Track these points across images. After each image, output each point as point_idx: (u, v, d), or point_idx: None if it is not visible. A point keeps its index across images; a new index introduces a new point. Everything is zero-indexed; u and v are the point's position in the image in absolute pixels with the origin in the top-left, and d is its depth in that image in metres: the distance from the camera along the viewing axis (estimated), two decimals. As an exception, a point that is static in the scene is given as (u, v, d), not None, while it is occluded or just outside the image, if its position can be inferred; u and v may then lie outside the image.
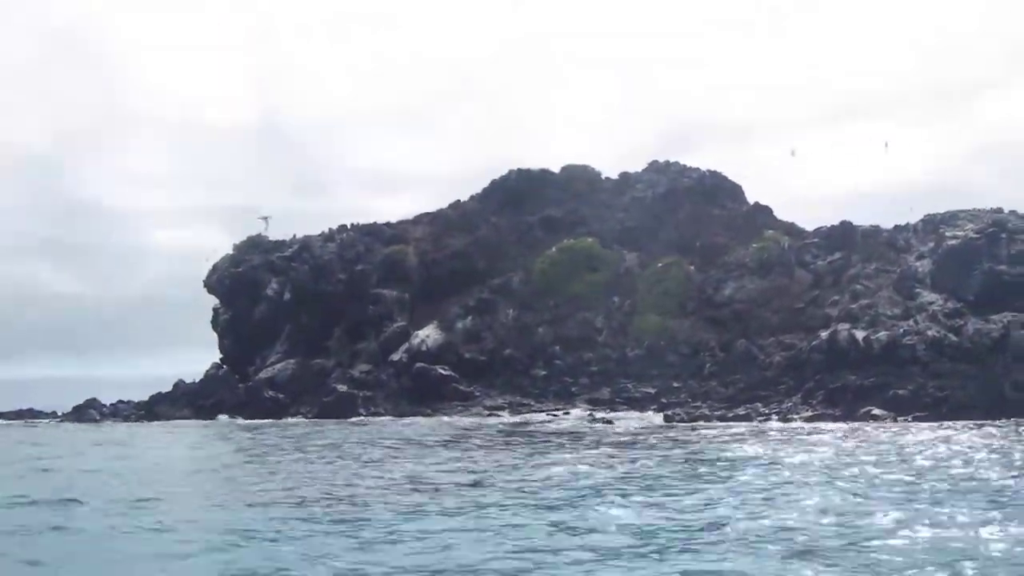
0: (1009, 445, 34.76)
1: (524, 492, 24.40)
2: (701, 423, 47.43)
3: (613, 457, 32.04)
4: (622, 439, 38.54)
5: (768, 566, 16.01)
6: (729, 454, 32.13)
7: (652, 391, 57.01)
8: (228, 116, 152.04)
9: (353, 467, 31.18)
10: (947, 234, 59.25)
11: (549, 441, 39.68)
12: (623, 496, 22.57)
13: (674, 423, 47.81)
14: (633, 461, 30.47)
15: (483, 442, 38.41)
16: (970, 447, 34.90)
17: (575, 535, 18.98)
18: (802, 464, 29.96)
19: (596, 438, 39.51)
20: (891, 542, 17.92)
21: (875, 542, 17.95)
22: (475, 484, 25.55)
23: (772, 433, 41.91)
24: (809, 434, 40.98)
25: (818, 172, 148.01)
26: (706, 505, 22.00)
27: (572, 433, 42.95)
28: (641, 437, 39.70)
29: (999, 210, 61.66)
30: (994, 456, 31.41)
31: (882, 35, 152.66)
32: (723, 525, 19.58)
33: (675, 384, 57.57)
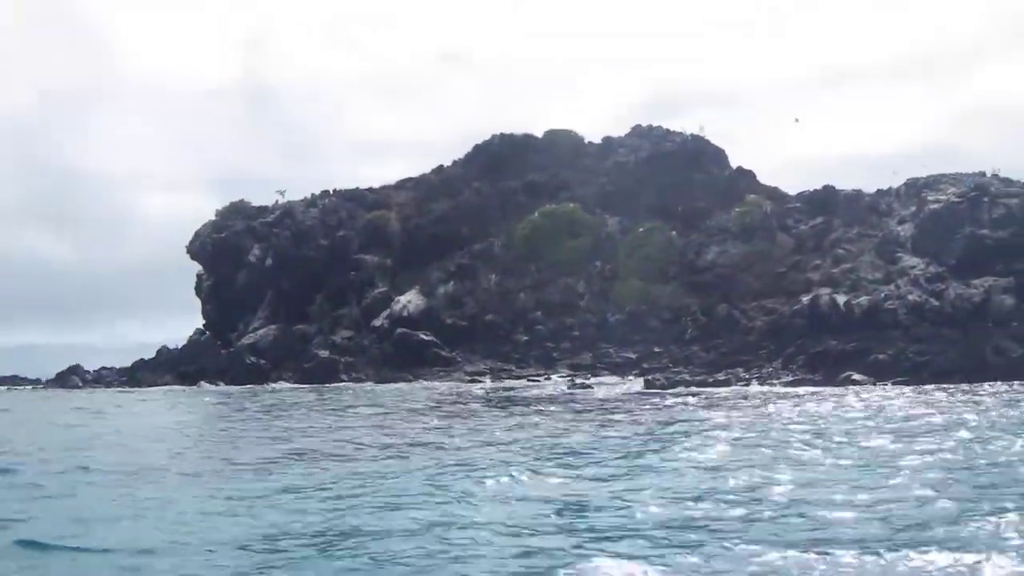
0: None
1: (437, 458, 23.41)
2: (681, 388, 47.18)
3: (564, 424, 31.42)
4: (588, 407, 38.07)
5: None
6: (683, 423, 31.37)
7: (633, 356, 56.87)
8: (214, 80, 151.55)
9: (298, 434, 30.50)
10: (929, 198, 59.11)
11: (508, 408, 38.93)
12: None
13: (654, 388, 47.62)
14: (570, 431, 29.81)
15: (448, 410, 37.81)
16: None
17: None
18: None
19: (563, 405, 38.96)
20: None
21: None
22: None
23: (737, 401, 41.45)
24: (769, 401, 40.22)
25: (807, 136, 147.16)
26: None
27: (548, 399, 42.58)
28: (610, 404, 39.30)
29: (982, 174, 61.53)
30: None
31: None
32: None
33: (656, 349, 57.39)
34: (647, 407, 36.58)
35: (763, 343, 55.19)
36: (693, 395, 42.80)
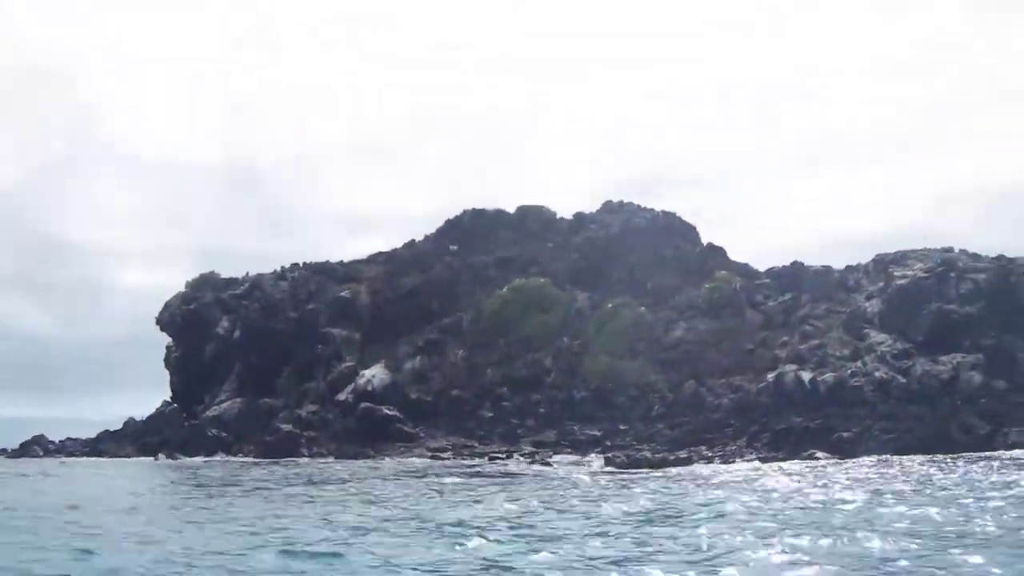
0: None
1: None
2: (641, 467, 46.31)
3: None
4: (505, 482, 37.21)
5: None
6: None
7: (598, 433, 56.00)
8: (196, 153, 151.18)
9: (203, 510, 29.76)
10: (896, 274, 58.74)
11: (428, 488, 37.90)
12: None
13: (614, 466, 46.79)
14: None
15: (365, 487, 36.67)
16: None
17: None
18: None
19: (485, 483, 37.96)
20: None
21: None
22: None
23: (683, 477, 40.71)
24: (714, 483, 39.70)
25: (782, 218, 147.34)
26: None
27: (476, 475, 41.72)
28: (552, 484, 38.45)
29: (949, 249, 61.24)
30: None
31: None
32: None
33: (622, 426, 56.57)
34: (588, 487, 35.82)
35: (729, 420, 54.47)
36: (643, 477, 41.95)
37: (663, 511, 26.07)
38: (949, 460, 42.40)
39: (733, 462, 47.33)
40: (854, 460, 44.88)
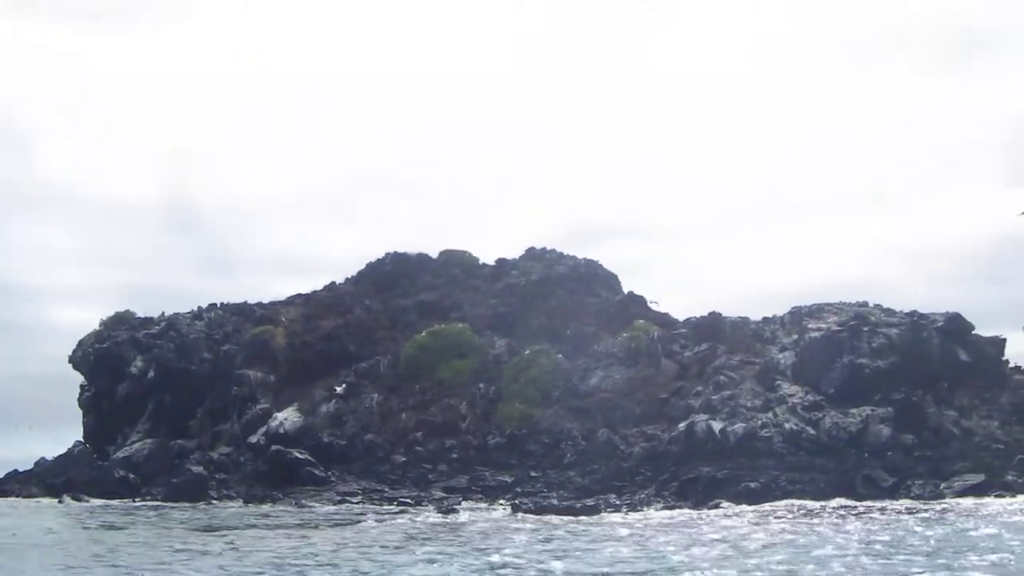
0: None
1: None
2: (548, 514, 46.00)
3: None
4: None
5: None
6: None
7: (509, 480, 55.63)
8: (133, 192, 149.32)
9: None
10: (810, 326, 59.13)
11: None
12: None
13: (520, 513, 46.46)
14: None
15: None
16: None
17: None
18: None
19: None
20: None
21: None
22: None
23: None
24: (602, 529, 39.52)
25: (715, 272, 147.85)
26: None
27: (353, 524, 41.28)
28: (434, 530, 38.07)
29: (864, 303, 61.80)
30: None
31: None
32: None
33: (533, 473, 56.29)
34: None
35: (640, 469, 54.32)
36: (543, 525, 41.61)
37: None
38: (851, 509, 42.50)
39: (640, 510, 47.20)
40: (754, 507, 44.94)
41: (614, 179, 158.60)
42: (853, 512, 41.74)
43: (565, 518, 43.03)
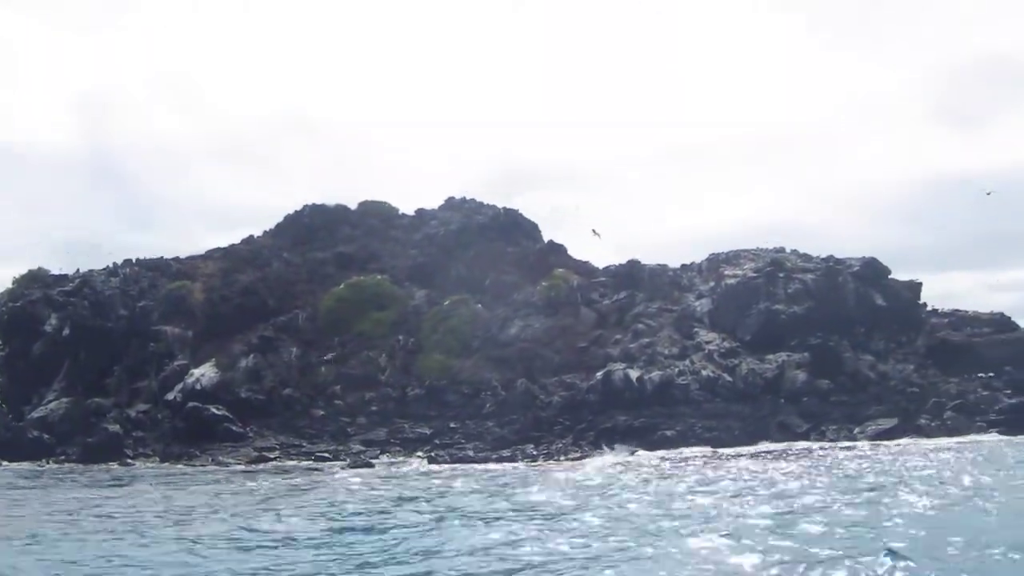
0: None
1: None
2: (463, 465, 45.87)
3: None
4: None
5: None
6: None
7: (428, 432, 55.36)
8: (51, 141, 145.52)
9: None
10: (727, 273, 59.26)
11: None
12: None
13: (437, 464, 46.28)
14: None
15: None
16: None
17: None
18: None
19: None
20: None
21: None
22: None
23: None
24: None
25: (650, 215, 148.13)
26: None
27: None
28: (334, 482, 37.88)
29: (781, 249, 62.13)
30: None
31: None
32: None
33: (452, 425, 56.06)
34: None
35: (558, 419, 54.29)
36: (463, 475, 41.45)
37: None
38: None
39: (558, 460, 47.18)
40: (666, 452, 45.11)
41: (537, 126, 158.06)
42: (760, 456, 42.09)
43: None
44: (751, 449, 45.57)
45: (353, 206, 76.59)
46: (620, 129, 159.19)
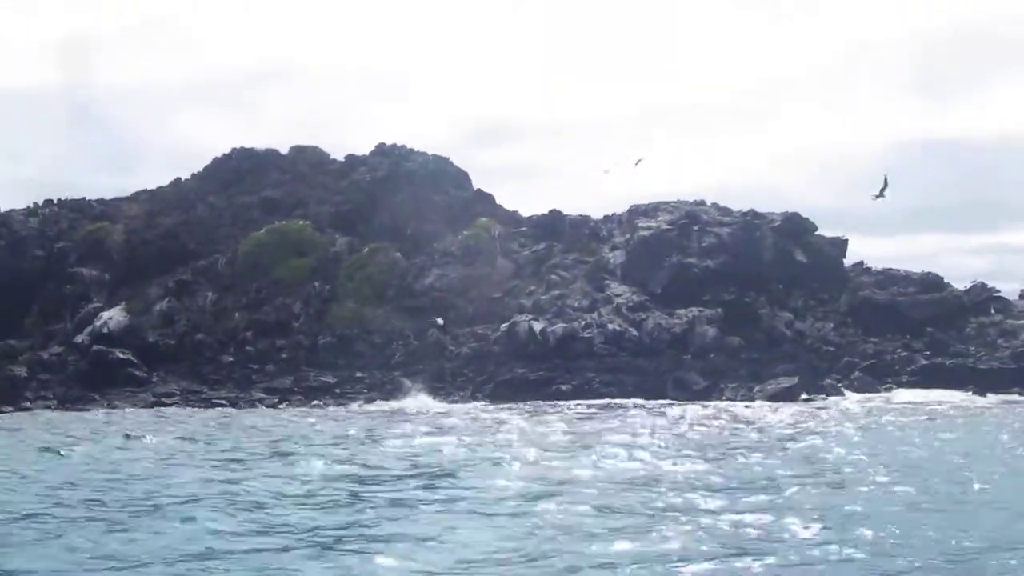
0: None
1: None
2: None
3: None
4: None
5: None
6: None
7: (332, 381, 54.47)
8: (28, 82, 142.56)
9: None
10: (641, 225, 58.16)
11: None
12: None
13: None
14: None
15: None
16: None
17: None
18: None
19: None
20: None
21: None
22: None
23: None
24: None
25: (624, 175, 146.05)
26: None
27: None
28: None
29: (701, 202, 60.96)
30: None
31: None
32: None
33: (359, 374, 55.17)
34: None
35: (463, 370, 53.50)
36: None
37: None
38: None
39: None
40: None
41: (485, 77, 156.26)
42: (627, 412, 41.27)
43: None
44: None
45: (284, 151, 75.03)
46: (590, 85, 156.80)
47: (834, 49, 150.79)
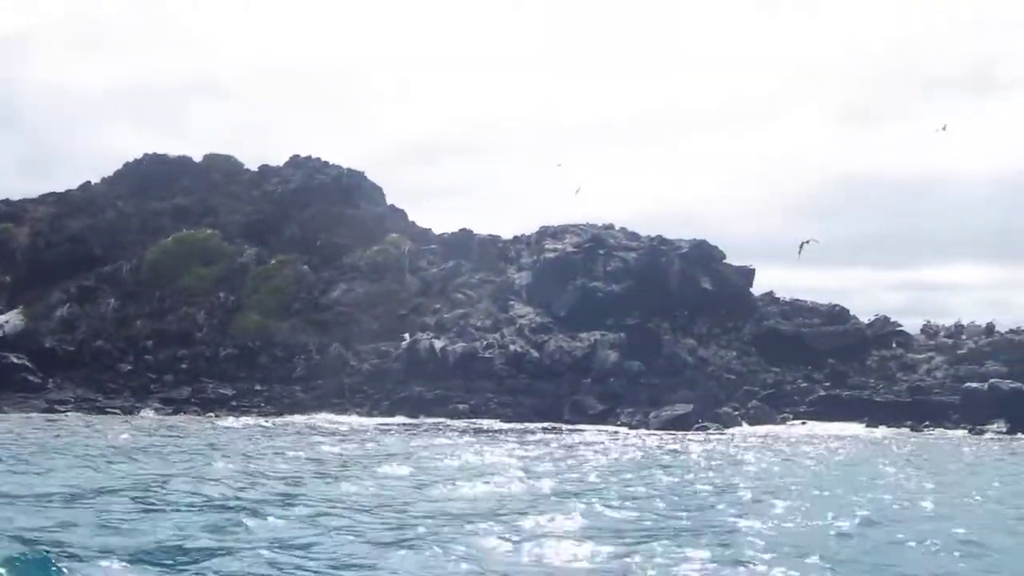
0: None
1: None
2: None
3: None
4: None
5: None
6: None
7: (230, 393, 53.87)
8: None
9: None
10: (548, 247, 58.22)
11: None
12: None
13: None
14: None
15: None
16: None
17: None
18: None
19: None
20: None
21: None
22: None
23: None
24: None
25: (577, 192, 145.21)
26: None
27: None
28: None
29: (609, 226, 61.12)
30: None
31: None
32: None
33: (258, 387, 54.65)
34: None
35: (363, 386, 53.18)
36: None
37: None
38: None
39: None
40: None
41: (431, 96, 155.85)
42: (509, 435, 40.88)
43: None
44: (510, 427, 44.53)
45: (198, 158, 74.34)
46: (512, 104, 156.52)
47: (765, 74, 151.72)
